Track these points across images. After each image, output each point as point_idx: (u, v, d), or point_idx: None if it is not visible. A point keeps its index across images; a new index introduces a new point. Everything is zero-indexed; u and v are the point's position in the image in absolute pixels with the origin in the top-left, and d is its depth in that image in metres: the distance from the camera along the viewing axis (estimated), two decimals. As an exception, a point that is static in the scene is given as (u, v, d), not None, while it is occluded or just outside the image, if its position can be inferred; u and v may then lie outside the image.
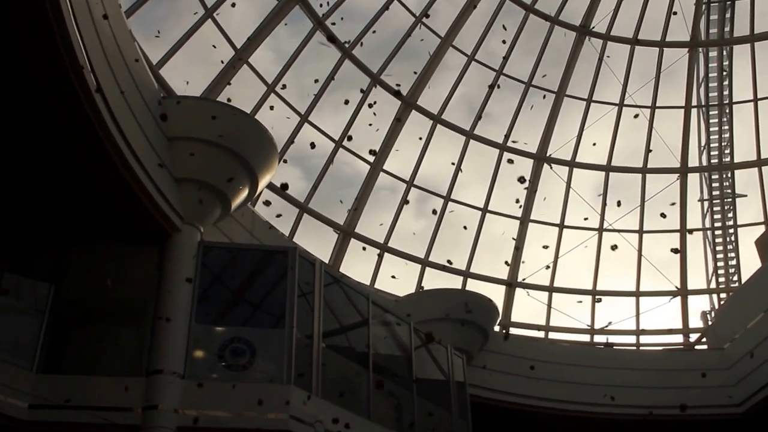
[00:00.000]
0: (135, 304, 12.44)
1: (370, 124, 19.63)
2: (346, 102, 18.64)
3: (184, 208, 12.32)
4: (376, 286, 20.47)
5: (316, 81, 19.11)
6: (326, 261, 19.21)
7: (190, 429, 10.83)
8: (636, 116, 22.06)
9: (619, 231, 23.45)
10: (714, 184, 25.22)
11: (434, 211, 21.45)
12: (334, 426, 11.87)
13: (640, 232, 24.08)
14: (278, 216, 16.31)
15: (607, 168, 24.10)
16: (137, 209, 11.57)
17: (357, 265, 20.34)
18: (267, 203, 15.63)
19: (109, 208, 11.64)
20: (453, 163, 20.14)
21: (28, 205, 11.41)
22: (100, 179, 10.94)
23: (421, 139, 21.58)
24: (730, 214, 25.17)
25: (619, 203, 20.33)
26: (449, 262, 20.63)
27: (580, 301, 23.18)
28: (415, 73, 21.15)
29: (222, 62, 16.98)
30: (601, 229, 23.75)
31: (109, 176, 10.83)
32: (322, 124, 19.67)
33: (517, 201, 21.87)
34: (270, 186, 16.87)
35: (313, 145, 16.25)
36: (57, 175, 10.83)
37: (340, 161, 20.44)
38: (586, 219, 22.99)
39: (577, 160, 23.76)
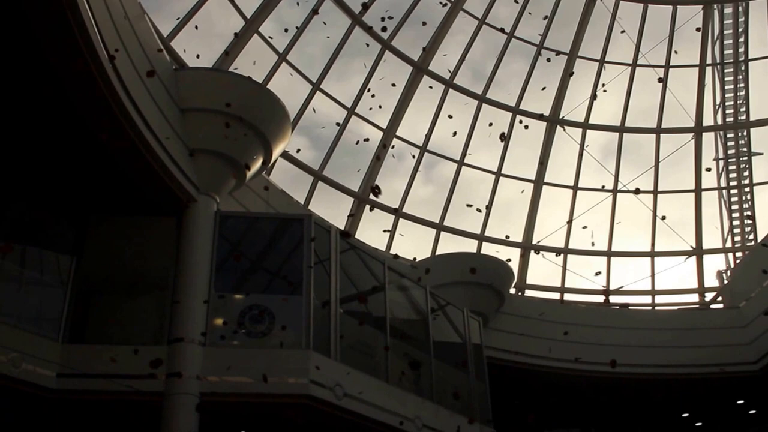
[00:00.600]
0: (155, 274, 12.63)
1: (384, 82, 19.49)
2: (366, 66, 18.59)
3: (199, 179, 12.44)
4: (391, 251, 20.60)
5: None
6: (342, 228, 19.31)
7: (212, 395, 11.06)
8: (660, 80, 21.76)
9: (633, 191, 23.37)
10: (729, 143, 25.08)
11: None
12: (353, 389, 12.08)
13: (655, 192, 24.05)
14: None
15: (621, 129, 24.00)
16: (153, 181, 11.72)
17: (372, 232, 20.47)
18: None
19: (126, 181, 11.78)
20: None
21: (49, 180, 11.58)
22: (116, 152, 11.06)
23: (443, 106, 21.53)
24: (746, 173, 25.06)
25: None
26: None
27: (599, 273, 23.21)
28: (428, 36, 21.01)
29: (235, 34, 16.92)
30: (615, 191, 23.72)
31: (124, 148, 10.96)
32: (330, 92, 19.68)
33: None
34: (283, 154, 16.97)
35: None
36: (74, 150, 10.96)
37: (349, 130, 20.45)
38: (602, 187, 22.90)
39: (590, 121, 23.66)
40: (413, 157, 21.57)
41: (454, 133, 19.93)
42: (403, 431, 12.83)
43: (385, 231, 16.03)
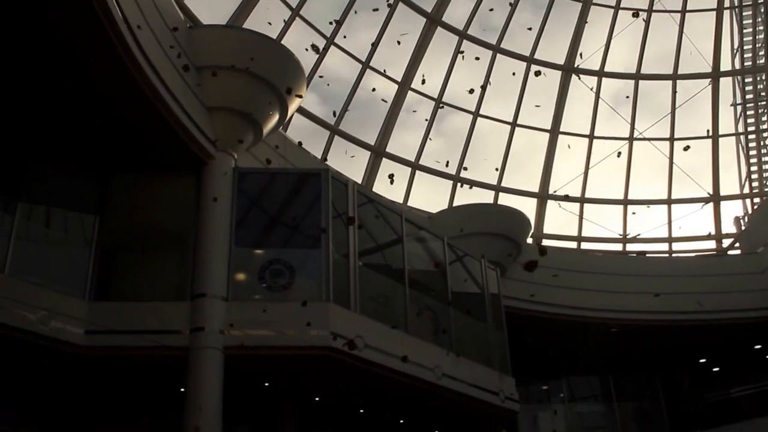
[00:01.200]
0: (176, 231, 12.74)
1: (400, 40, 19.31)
2: (376, 10, 18.34)
3: (216, 136, 12.48)
4: (409, 204, 20.64)
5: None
6: (359, 182, 19.33)
7: (235, 348, 11.24)
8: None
9: (649, 139, 23.22)
10: (747, 88, 24.73)
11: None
12: (374, 340, 12.22)
13: (671, 139, 23.82)
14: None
15: (637, 76, 23.71)
16: (171, 139, 11.77)
17: (389, 185, 20.46)
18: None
19: (145, 140, 11.85)
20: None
21: (71, 142, 11.67)
22: (133, 111, 11.12)
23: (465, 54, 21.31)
24: (764, 118, 24.75)
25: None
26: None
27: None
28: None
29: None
30: (631, 138, 23.54)
31: (141, 108, 11.00)
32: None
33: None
34: (299, 110, 16.94)
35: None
36: (94, 112, 11.02)
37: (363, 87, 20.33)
38: (625, 137, 22.69)
39: (606, 69, 23.38)
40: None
41: (471, 90, 19.74)
42: (421, 378, 13.02)
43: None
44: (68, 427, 11.90)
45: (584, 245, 23.79)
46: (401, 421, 14.41)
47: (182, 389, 10.98)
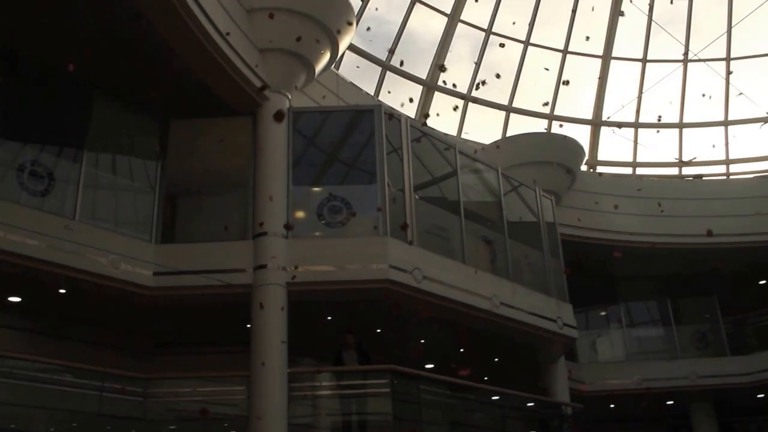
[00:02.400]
0: (235, 173, 12.81)
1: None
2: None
3: (269, 77, 12.39)
4: (462, 136, 20.39)
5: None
6: (412, 116, 19.14)
7: (297, 284, 11.36)
8: None
9: (704, 60, 22.35)
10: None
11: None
12: (432, 272, 12.22)
13: (728, 59, 22.89)
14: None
15: (691, -5, 22.74)
16: (225, 82, 11.76)
17: (441, 118, 20.20)
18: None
19: (201, 84, 11.84)
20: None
21: (131, 90, 11.76)
22: (187, 55, 11.13)
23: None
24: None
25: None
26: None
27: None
28: None
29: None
30: (685, 60, 22.71)
31: (195, 52, 11.03)
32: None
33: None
34: (350, 47, 16.72)
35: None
36: (151, 57, 11.05)
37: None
38: (679, 59, 21.89)
39: (659, -10, 22.45)
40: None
41: (513, 23, 19.24)
42: (479, 308, 13.02)
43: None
44: (138, 363, 12.27)
45: (639, 170, 23.30)
46: (461, 351, 14.50)
47: (248, 325, 11.19)
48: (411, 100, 16.04)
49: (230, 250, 11.65)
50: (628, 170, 23.19)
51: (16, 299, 11.60)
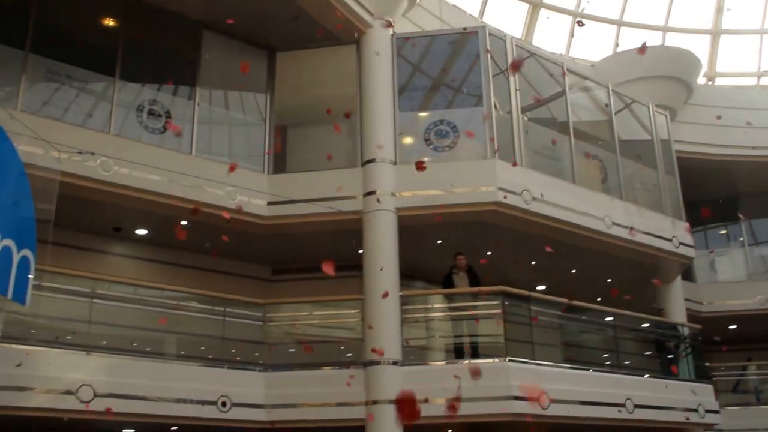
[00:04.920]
0: (342, 102, 12.83)
1: None
2: None
3: (373, 4, 12.26)
4: (570, 54, 19.67)
5: None
6: (517, 36, 18.56)
7: (406, 209, 11.41)
8: None
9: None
10: None
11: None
12: (541, 193, 12.02)
13: None
14: None
15: None
16: (330, 11, 11.69)
17: (548, 37, 19.53)
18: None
19: (304, 15, 11.86)
20: None
21: (238, 24, 11.90)
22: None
23: None
24: None
25: None
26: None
27: None
28: None
29: None
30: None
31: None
32: None
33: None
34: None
35: None
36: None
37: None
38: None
39: None
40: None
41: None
42: (591, 228, 12.75)
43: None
44: (256, 290, 12.74)
45: (764, 81, 21.86)
46: (572, 272, 14.29)
47: (360, 251, 11.38)
48: (516, 19, 15.51)
49: (340, 178, 11.79)
50: (752, 81, 21.80)
51: (142, 232, 12.22)
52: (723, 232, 20.77)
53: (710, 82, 20.93)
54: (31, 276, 5.98)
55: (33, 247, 6.21)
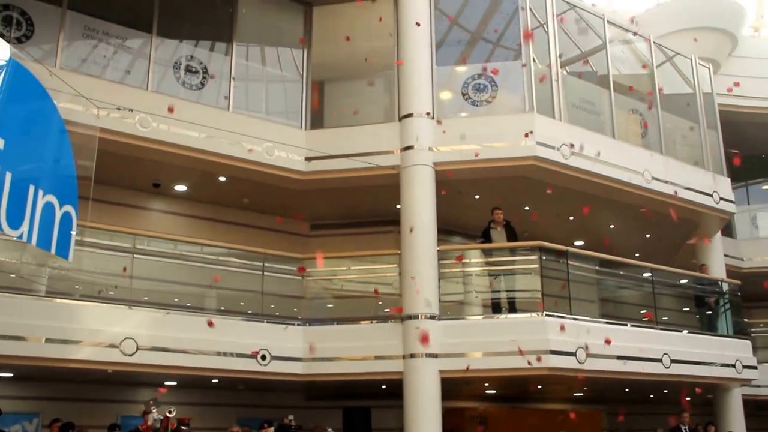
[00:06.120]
0: (379, 56, 12.62)
1: None
2: None
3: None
4: (612, 5, 19.10)
5: None
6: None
7: (444, 163, 11.25)
8: None
9: None
10: None
11: None
12: (580, 147, 11.78)
13: None
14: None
15: None
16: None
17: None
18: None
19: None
20: None
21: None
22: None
23: None
24: None
25: None
26: None
27: None
28: None
29: None
30: None
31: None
32: None
33: None
34: None
35: None
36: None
37: None
38: None
39: None
40: None
41: None
42: (630, 182, 12.50)
43: None
44: (294, 245, 12.76)
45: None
46: (611, 226, 14.05)
47: (398, 206, 11.28)
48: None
49: (377, 133, 11.64)
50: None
51: (182, 188, 12.25)
52: (765, 187, 20.28)
53: (756, 33, 20.22)
54: (73, 232, 5.98)
55: (74, 203, 6.20)
